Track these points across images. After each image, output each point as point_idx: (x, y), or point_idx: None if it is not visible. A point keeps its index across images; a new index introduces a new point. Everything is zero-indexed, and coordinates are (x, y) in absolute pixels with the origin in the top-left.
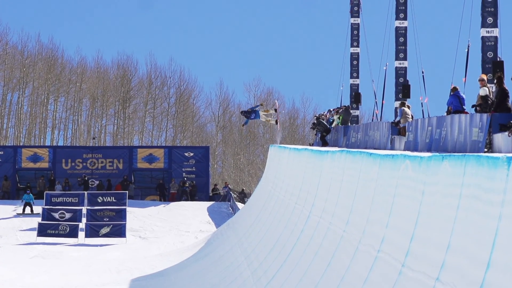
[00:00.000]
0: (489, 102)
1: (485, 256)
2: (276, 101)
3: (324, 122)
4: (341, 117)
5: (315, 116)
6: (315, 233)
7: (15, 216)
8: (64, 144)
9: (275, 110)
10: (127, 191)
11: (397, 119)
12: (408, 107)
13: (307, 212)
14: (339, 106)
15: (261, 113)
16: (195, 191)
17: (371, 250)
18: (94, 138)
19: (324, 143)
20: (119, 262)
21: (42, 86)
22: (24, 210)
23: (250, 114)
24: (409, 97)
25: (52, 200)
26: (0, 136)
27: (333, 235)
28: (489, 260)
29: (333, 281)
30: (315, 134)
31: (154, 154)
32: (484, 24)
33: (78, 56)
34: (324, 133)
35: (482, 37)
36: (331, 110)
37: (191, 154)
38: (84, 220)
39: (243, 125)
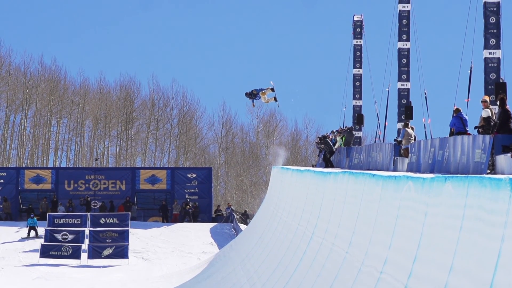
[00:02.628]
0: (492, 123)
1: (488, 277)
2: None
3: (329, 142)
4: (344, 138)
5: (318, 137)
6: (318, 254)
7: (19, 240)
8: (67, 166)
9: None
10: (129, 212)
11: (399, 138)
12: (412, 128)
13: (309, 233)
14: (342, 127)
15: (260, 94)
16: (198, 212)
17: (374, 272)
18: (96, 160)
19: (328, 164)
20: (122, 284)
21: (45, 108)
22: (29, 234)
23: (255, 96)
24: (411, 118)
25: (55, 222)
26: (3, 157)
27: (336, 256)
28: (491, 281)
29: None
30: (318, 155)
31: (156, 175)
32: (486, 46)
33: (81, 77)
34: (328, 154)
35: (485, 58)
36: (334, 131)
37: (194, 175)
38: (86, 241)
39: (253, 105)
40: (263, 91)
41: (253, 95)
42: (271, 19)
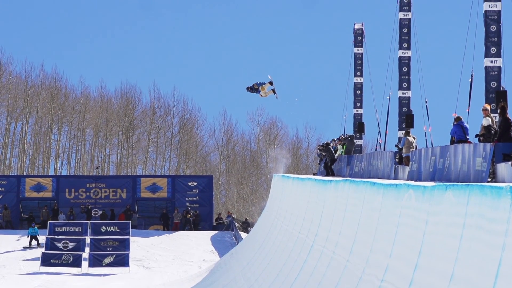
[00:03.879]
0: (492, 132)
1: (489, 286)
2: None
3: (332, 150)
4: (344, 147)
5: (319, 145)
6: (319, 262)
7: (21, 250)
8: (68, 174)
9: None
10: (130, 221)
11: (400, 145)
12: (414, 138)
13: (310, 241)
14: (343, 135)
15: (260, 89)
16: (199, 220)
17: (375, 280)
18: (97, 168)
19: (328, 172)
20: None
21: (46, 116)
22: (30, 243)
23: (256, 90)
24: (412, 127)
25: (56, 230)
26: (3, 165)
27: (337, 265)
28: None
29: None
30: (319, 163)
31: (157, 184)
32: (487, 54)
33: (82, 85)
34: (329, 162)
35: (486, 67)
36: (335, 139)
37: (195, 183)
38: (87, 249)
39: (261, 95)
40: (263, 85)
41: (254, 89)
42: (272, 28)
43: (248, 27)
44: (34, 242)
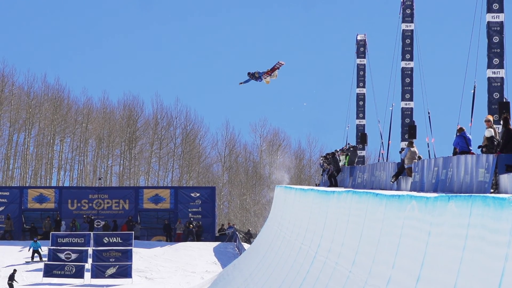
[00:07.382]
0: (495, 143)
1: None
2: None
3: (338, 160)
4: (347, 158)
5: (321, 156)
6: (321, 273)
7: (24, 264)
8: (70, 185)
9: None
10: (133, 232)
11: (402, 156)
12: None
13: (313, 252)
14: (347, 144)
15: (263, 77)
16: (201, 231)
17: None
18: (100, 179)
19: (332, 182)
20: None
21: (48, 127)
22: (32, 257)
23: (257, 78)
24: (415, 138)
25: (58, 241)
26: (6, 177)
27: (339, 276)
28: None
29: None
30: (321, 174)
31: (160, 195)
32: (490, 65)
33: (84, 96)
34: (335, 172)
35: (488, 78)
36: (338, 150)
37: (197, 194)
38: (90, 260)
39: (240, 83)
40: (265, 75)
41: (255, 77)
42: (274, 39)
43: (251, 39)
44: (36, 257)
